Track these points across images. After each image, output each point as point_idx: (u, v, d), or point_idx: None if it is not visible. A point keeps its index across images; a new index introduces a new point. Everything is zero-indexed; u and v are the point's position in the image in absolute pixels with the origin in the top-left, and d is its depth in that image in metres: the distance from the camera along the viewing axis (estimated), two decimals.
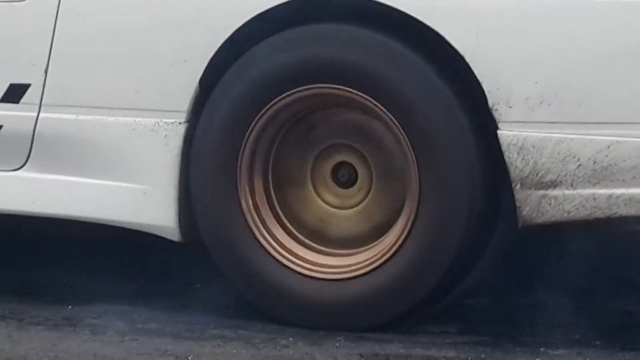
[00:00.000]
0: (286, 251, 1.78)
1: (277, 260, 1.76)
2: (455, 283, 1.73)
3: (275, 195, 1.81)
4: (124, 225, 1.82)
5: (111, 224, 1.83)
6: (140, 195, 1.81)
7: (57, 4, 1.84)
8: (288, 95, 1.72)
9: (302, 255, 1.77)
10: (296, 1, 1.69)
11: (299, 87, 1.72)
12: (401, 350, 1.63)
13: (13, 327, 1.63)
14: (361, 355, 1.62)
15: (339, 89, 1.71)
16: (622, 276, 2.07)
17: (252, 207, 1.78)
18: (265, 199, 1.80)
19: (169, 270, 1.75)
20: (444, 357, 1.61)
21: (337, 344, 1.66)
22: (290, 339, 1.63)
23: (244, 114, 1.74)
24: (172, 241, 1.82)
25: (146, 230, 1.82)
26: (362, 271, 1.71)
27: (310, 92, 1.74)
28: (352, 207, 1.79)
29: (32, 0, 1.84)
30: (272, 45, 1.70)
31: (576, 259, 1.85)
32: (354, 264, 1.73)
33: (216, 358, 1.58)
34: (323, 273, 1.74)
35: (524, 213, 1.67)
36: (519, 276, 1.73)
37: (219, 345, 1.62)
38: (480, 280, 1.71)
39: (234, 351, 1.62)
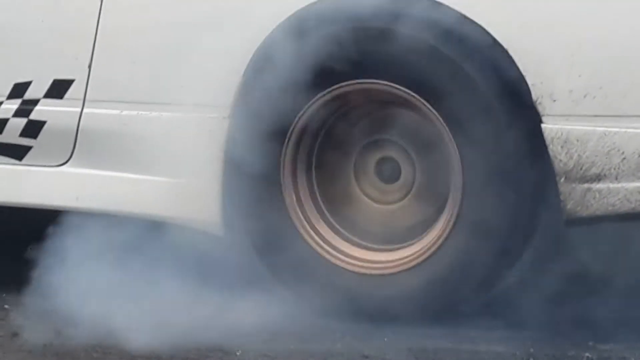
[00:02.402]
0: (329, 246, 1.66)
1: (320, 255, 1.64)
2: (498, 278, 1.60)
3: (319, 190, 1.69)
4: (167, 221, 1.69)
5: (155, 219, 1.71)
6: (185, 190, 1.68)
7: (95, 10, 1.70)
8: (333, 90, 1.60)
9: (345, 250, 1.65)
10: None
11: (343, 82, 1.60)
12: (449, 345, 1.50)
13: None
14: (410, 350, 1.50)
15: (383, 84, 1.59)
16: None
17: (295, 202, 1.66)
18: (309, 194, 1.68)
19: (214, 264, 1.64)
20: (492, 351, 1.50)
21: (386, 339, 1.54)
22: (338, 334, 1.51)
23: (287, 107, 1.61)
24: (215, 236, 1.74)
25: (190, 225, 1.68)
26: (406, 266, 1.60)
27: (353, 87, 1.62)
28: (395, 202, 1.67)
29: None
30: (318, 41, 1.56)
31: (621, 254, 1.74)
32: (398, 259, 1.61)
33: (265, 354, 1.51)
34: (366, 268, 1.63)
35: (569, 207, 1.55)
36: (565, 271, 1.62)
37: (268, 340, 1.54)
38: (527, 274, 1.61)
39: (283, 347, 1.55)
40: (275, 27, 1.60)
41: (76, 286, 1.53)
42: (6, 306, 1.74)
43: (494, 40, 1.52)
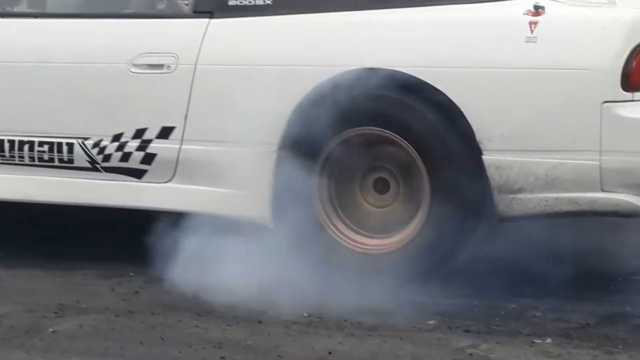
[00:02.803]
0: (343, 235, 2.38)
1: (337, 242, 2.36)
2: (454, 256, 2.29)
3: (336, 199, 2.41)
4: (236, 219, 2.44)
5: (228, 217, 2.45)
6: (247, 199, 2.40)
7: (192, 74, 2.44)
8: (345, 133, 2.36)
9: (354, 238, 2.37)
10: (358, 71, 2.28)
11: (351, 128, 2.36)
12: (424, 299, 2.18)
13: None
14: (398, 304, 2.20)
15: (377, 130, 2.33)
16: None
17: (321, 207, 2.37)
18: (329, 201, 2.40)
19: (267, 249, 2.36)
20: (449, 304, 2.19)
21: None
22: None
23: (318, 145, 2.35)
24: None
25: (251, 221, 2.43)
26: (394, 247, 2.32)
27: (356, 132, 2.36)
28: (386, 206, 2.39)
29: (177, 72, 2.44)
30: (336, 103, 2.29)
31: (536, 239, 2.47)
32: (389, 243, 2.33)
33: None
34: (368, 249, 2.35)
35: (500, 209, 2.24)
36: (499, 250, 2.33)
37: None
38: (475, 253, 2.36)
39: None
40: (307, 93, 2.31)
41: (182, 259, 2.28)
42: (131, 274, 2.55)
43: (452, 102, 2.21)
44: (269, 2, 2.41)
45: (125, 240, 2.81)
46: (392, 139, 2.33)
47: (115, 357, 2.00)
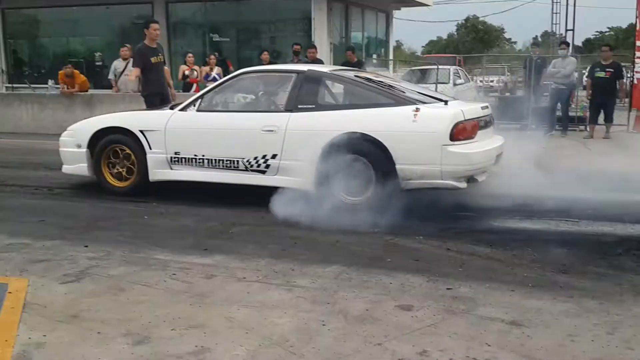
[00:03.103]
0: (342, 195, 5.63)
1: (337, 199, 5.68)
2: (388, 203, 5.52)
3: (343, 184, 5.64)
4: (302, 189, 5.78)
5: (299, 189, 5.80)
6: (306, 181, 5.70)
7: (284, 134, 5.81)
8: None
9: (345, 196, 5.61)
10: (345, 136, 5.58)
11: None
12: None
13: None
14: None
15: (359, 158, 5.62)
16: None
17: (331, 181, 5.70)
18: (338, 184, 5.67)
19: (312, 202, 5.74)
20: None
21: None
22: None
23: (334, 163, 5.60)
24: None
25: (305, 190, 5.74)
26: (365, 201, 5.57)
27: (347, 156, 5.66)
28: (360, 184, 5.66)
29: (279, 133, 5.80)
30: (337, 142, 5.62)
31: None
32: (361, 199, 5.57)
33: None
34: (350, 201, 5.65)
35: (402, 187, 5.50)
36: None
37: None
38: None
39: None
40: (330, 139, 5.63)
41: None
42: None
43: (383, 144, 5.48)
44: (314, 106, 5.84)
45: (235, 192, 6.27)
46: (361, 158, 5.61)
47: (259, 249, 5.34)
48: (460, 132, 5.48)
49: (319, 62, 12.07)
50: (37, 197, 6.84)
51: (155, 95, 8.73)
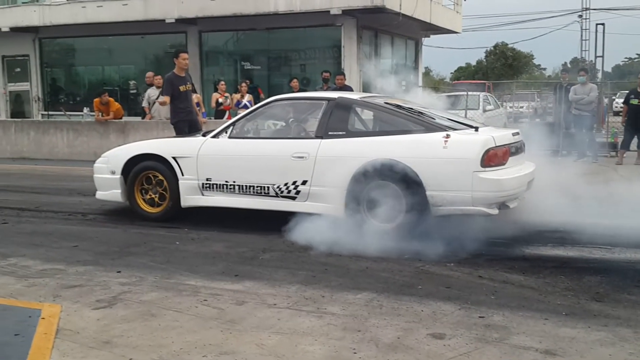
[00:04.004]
0: (369, 221, 5.60)
1: (367, 223, 5.62)
2: (420, 228, 5.47)
3: (367, 207, 5.64)
4: (332, 215, 5.77)
5: (329, 215, 5.79)
6: (336, 207, 5.71)
7: (314, 160, 5.82)
8: (373, 183, 5.65)
9: (375, 222, 5.57)
10: (374, 163, 5.56)
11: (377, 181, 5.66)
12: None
13: None
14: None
15: (387, 182, 5.61)
16: None
17: (360, 208, 5.65)
18: (365, 207, 5.64)
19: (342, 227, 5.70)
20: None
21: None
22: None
23: (363, 188, 5.62)
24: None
25: (335, 216, 5.74)
26: (392, 226, 5.54)
27: (377, 183, 5.67)
28: (390, 212, 5.59)
29: (309, 159, 5.82)
30: (367, 169, 5.60)
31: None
32: (388, 226, 5.55)
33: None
34: (382, 227, 5.57)
35: (433, 212, 5.45)
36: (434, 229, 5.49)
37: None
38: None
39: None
40: (360, 166, 5.62)
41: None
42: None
43: (413, 170, 5.45)
44: (344, 133, 5.85)
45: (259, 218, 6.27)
46: (391, 184, 5.59)
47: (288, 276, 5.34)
48: (492, 158, 5.43)
49: (349, 89, 12.13)
50: (71, 222, 6.93)
51: (184, 122, 9.06)
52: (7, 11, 19.40)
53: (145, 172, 6.77)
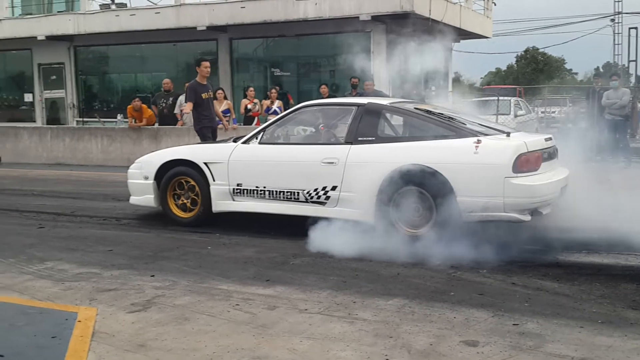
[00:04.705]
0: (401, 228, 5.58)
1: (397, 230, 5.65)
2: (449, 235, 5.36)
3: (395, 210, 5.60)
4: (361, 221, 5.73)
5: (359, 221, 5.76)
6: (366, 212, 5.69)
7: (344, 165, 5.81)
8: (402, 189, 5.62)
9: (405, 228, 5.56)
10: (404, 169, 5.53)
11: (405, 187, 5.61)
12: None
13: None
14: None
15: (416, 188, 5.58)
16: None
17: (390, 213, 5.61)
18: (394, 211, 5.61)
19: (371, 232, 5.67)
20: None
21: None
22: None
23: (392, 193, 5.60)
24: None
25: (365, 222, 5.72)
26: (423, 233, 5.51)
27: (408, 188, 5.63)
28: (419, 216, 5.58)
29: (339, 165, 5.78)
30: (397, 175, 5.58)
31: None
32: (419, 232, 5.49)
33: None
34: (412, 233, 5.57)
35: (463, 218, 5.37)
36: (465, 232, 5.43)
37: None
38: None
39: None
40: (390, 171, 5.59)
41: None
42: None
43: (444, 175, 5.41)
44: (374, 138, 5.83)
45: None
46: (422, 190, 5.57)
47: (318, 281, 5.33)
48: (524, 164, 5.36)
49: (379, 94, 12.10)
50: (106, 227, 7.02)
51: (207, 129, 9.58)
52: (43, 20, 19.74)
53: (177, 177, 6.84)
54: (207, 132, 9.52)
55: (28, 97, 21.32)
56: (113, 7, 19.29)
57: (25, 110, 21.44)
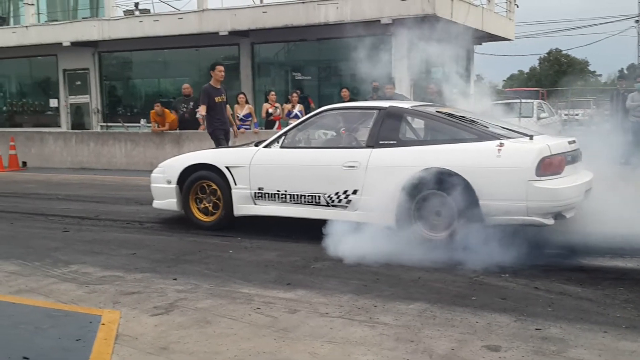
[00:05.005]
0: (422, 231, 5.57)
1: (419, 234, 5.59)
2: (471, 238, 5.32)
3: (417, 213, 5.58)
4: (384, 225, 5.73)
5: (380, 225, 5.74)
6: (387, 216, 5.69)
7: (365, 169, 5.81)
8: (425, 192, 5.59)
9: (427, 232, 5.54)
10: (426, 172, 5.51)
11: (427, 190, 5.59)
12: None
13: None
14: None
15: (436, 192, 5.55)
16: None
17: (412, 217, 5.59)
18: (416, 215, 5.58)
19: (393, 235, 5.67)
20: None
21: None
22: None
23: (414, 196, 5.58)
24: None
25: (387, 226, 5.70)
26: (444, 237, 5.48)
27: (430, 192, 5.61)
28: (439, 222, 5.55)
29: (360, 168, 5.79)
30: (419, 178, 5.56)
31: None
32: (440, 235, 5.49)
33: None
34: (431, 237, 5.53)
35: (486, 221, 5.35)
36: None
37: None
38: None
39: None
40: (412, 175, 5.56)
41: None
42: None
43: (465, 179, 5.37)
44: (395, 142, 5.82)
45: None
46: (443, 193, 5.53)
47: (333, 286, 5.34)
48: (547, 167, 5.31)
49: (400, 97, 12.07)
50: (129, 230, 7.10)
51: (220, 131, 9.87)
52: (68, 26, 20.00)
53: (199, 181, 6.89)
54: (219, 135, 9.79)
55: (53, 103, 21.61)
56: (137, 13, 19.50)
57: (51, 115, 21.74)
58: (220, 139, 9.76)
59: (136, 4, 20.08)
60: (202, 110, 9.70)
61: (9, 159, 14.99)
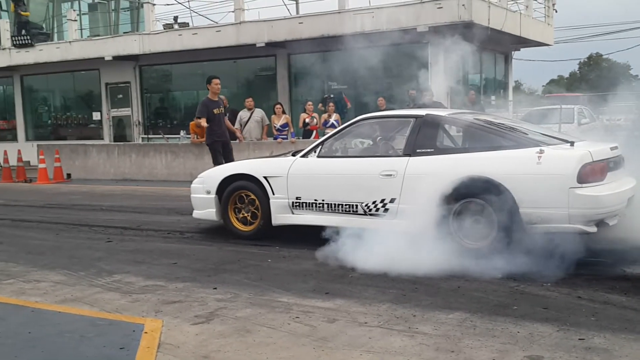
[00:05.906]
0: (459, 239, 5.50)
1: (460, 243, 5.52)
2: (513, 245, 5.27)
3: (455, 222, 5.51)
4: (419, 232, 5.71)
5: (403, 231, 5.74)
6: (426, 222, 5.60)
7: (402, 178, 5.79)
8: (462, 201, 5.53)
9: (464, 241, 5.45)
10: (465, 180, 5.46)
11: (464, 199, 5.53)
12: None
13: None
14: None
15: (475, 200, 5.49)
16: None
17: (450, 224, 5.52)
18: (455, 223, 5.52)
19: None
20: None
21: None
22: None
23: (450, 203, 5.55)
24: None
25: (418, 232, 5.66)
26: (484, 245, 5.42)
27: (468, 200, 5.55)
28: (479, 230, 5.46)
29: (397, 177, 5.78)
30: (457, 186, 5.50)
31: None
32: (480, 244, 5.42)
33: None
34: (470, 245, 5.45)
35: (526, 230, 5.24)
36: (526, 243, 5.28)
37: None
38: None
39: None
40: (450, 183, 5.51)
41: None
42: None
43: (505, 187, 5.30)
44: (433, 150, 5.79)
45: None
46: (482, 201, 5.46)
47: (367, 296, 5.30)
48: (589, 174, 5.22)
49: (438, 105, 11.99)
50: (170, 240, 7.20)
51: (218, 143, 10.25)
52: (110, 41, 20.46)
53: (238, 191, 6.96)
54: (217, 147, 10.18)
55: (96, 116, 22.11)
56: (176, 26, 19.81)
57: (94, 128, 22.25)
58: (218, 151, 10.13)
59: (175, 18, 20.41)
60: (203, 122, 10.07)
61: (54, 171, 15.38)
